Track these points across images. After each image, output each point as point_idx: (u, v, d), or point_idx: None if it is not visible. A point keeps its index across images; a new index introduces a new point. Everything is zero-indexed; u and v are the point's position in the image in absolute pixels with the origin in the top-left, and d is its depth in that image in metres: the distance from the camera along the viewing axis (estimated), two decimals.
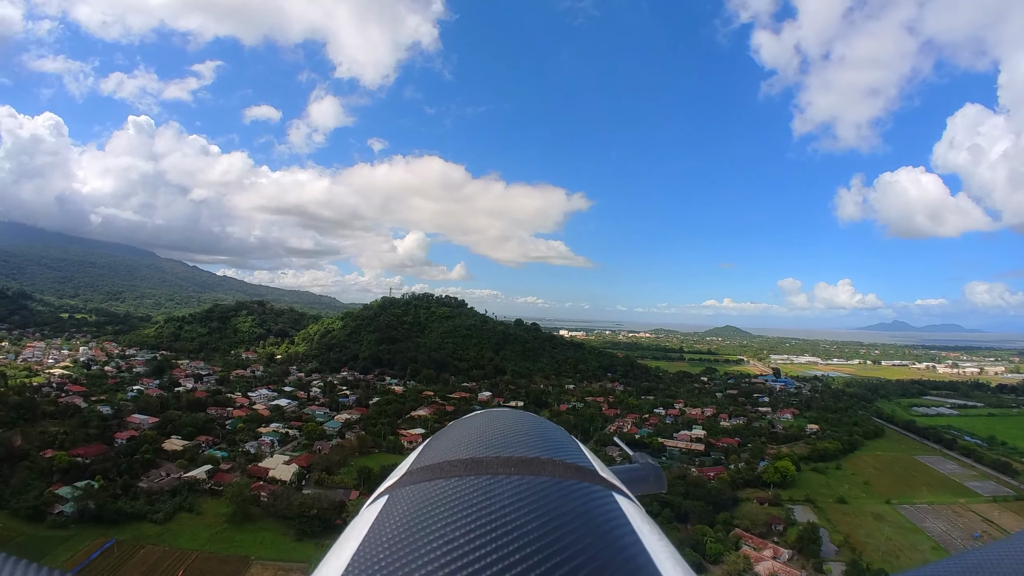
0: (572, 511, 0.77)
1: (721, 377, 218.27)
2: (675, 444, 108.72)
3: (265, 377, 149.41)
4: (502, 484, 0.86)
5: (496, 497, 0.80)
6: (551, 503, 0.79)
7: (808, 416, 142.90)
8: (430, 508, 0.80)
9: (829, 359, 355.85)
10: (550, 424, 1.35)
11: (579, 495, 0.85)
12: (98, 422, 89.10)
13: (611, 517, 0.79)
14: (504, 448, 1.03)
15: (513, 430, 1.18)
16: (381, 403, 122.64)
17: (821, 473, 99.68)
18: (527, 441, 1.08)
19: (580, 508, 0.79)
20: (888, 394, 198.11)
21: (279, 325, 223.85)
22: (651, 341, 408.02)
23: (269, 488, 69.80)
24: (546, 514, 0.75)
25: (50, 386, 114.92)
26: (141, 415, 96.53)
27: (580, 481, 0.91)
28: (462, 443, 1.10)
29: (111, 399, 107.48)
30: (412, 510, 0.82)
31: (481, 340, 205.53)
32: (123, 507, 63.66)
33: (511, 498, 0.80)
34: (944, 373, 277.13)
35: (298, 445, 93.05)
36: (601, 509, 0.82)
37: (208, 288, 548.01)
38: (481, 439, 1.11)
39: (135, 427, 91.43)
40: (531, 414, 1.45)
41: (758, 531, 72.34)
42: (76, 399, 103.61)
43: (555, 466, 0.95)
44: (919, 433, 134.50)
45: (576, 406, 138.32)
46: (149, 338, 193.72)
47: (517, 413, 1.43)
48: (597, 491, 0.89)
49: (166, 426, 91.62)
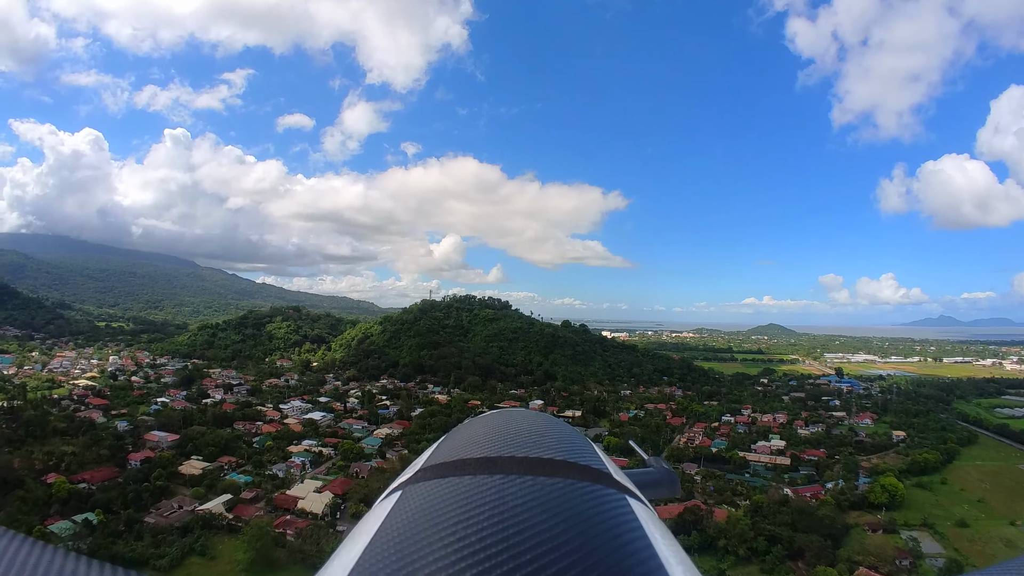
0: (585, 513, 0.76)
1: (781, 379, 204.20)
2: (756, 458, 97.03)
3: (299, 386, 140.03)
4: (515, 484, 0.85)
5: (509, 497, 0.79)
6: (564, 505, 0.79)
7: (888, 421, 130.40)
8: (443, 505, 0.79)
9: (887, 357, 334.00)
10: (566, 426, 1.33)
11: (592, 498, 0.84)
12: (112, 440, 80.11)
13: (623, 521, 0.78)
14: (519, 448, 1.03)
15: (528, 430, 1.17)
16: (424, 415, 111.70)
17: (926, 489, 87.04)
18: (542, 442, 1.07)
19: (593, 511, 0.78)
20: (964, 394, 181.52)
21: (315, 331, 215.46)
22: (697, 341, 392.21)
23: (297, 525, 58.46)
24: (558, 515, 0.74)
25: (71, 399, 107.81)
26: (161, 432, 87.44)
27: (594, 484, 0.90)
28: (477, 441, 1.09)
29: (132, 413, 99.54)
30: (425, 507, 0.81)
31: (528, 343, 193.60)
32: (121, 550, 52.80)
33: (524, 498, 0.79)
34: (1013, 370, 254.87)
35: (333, 467, 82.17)
36: (614, 512, 0.81)
37: (247, 295, 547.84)
38: (496, 438, 1.10)
39: (152, 446, 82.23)
40: (547, 415, 1.42)
41: (887, 570, 58.77)
42: (95, 413, 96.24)
43: (569, 468, 0.94)
44: (1015, 438, 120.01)
45: (638, 415, 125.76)
46: (182, 346, 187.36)
47: (533, 413, 1.41)
48: (611, 494, 0.88)
49: (186, 444, 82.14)
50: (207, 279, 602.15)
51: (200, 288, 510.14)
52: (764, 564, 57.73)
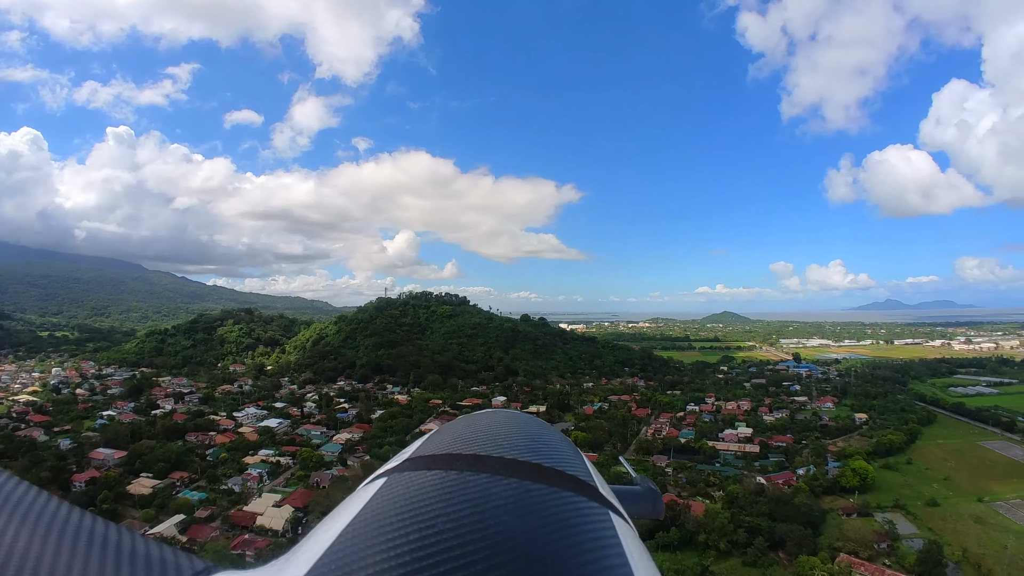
0: (565, 523, 0.75)
1: (741, 365, 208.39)
2: (725, 447, 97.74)
3: (254, 392, 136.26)
4: (501, 485, 0.84)
5: (493, 497, 0.79)
6: (546, 512, 0.78)
7: (849, 404, 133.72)
8: (425, 497, 0.79)
9: (840, 341, 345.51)
10: (559, 433, 1.32)
11: (575, 509, 0.82)
12: (54, 462, 75.42)
13: (603, 535, 0.77)
14: (509, 450, 1.03)
15: (521, 433, 1.17)
16: (385, 417, 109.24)
17: (894, 470, 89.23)
18: (533, 447, 1.07)
19: (573, 521, 0.77)
20: (918, 375, 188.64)
21: (269, 333, 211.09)
22: (653, 331, 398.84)
23: (256, 544, 55.81)
24: (539, 522, 0.73)
25: (10, 416, 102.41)
26: (107, 448, 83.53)
27: (578, 495, 0.89)
28: (468, 438, 1.09)
29: (76, 429, 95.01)
30: (407, 496, 0.80)
31: (488, 339, 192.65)
32: None
33: (507, 500, 0.79)
34: (961, 350, 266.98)
35: (292, 477, 79.20)
36: (594, 526, 0.79)
37: (198, 298, 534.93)
38: (488, 437, 1.10)
39: (98, 464, 78.30)
40: (541, 420, 1.44)
41: (867, 554, 59.41)
42: (36, 431, 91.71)
43: (557, 476, 0.93)
44: (971, 416, 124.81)
45: (603, 407, 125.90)
46: (129, 354, 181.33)
47: (528, 417, 1.40)
48: (593, 508, 0.86)
49: (135, 461, 77.93)
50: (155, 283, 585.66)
51: (148, 292, 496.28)
52: (746, 556, 57.43)
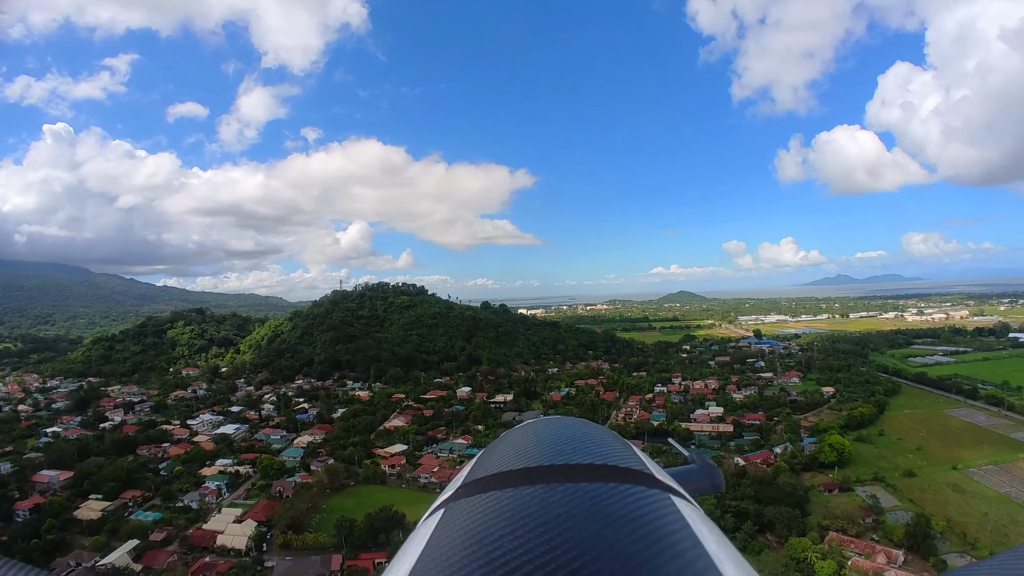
0: (629, 516, 0.77)
1: (703, 343, 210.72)
2: (699, 428, 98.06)
3: (209, 397, 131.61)
4: (557, 493, 0.85)
5: (552, 506, 0.80)
6: (608, 509, 0.79)
7: (815, 378, 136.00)
8: (486, 521, 0.79)
9: (797, 316, 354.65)
10: (602, 428, 1.35)
11: (636, 500, 0.84)
12: None
13: (669, 521, 0.79)
14: (558, 456, 1.03)
15: (565, 437, 1.17)
16: (347, 416, 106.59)
17: (867, 442, 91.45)
18: (580, 447, 1.07)
19: (637, 513, 0.78)
20: (877, 346, 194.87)
21: (222, 333, 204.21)
22: (612, 313, 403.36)
23: (218, 568, 52.49)
24: (603, 520, 0.74)
25: None
26: (52, 470, 78.61)
27: (636, 485, 0.91)
28: (515, 453, 1.09)
29: (19, 450, 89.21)
30: (468, 523, 0.81)
31: (449, 328, 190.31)
32: None
33: (567, 506, 0.80)
34: (914, 321, 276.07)
35: (252, 488, 75.80)
36: (659, 513, 0.81)
37: (147, 300, 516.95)
38: (534, 448, 1.10)
39: (43, 489, 73.72)
40: (582, 420, 1.45)
41: (855, 531, 60.17)
42: None
43: (611, 471, 0.95)
44: (934, 385, 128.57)
45: (570, 393, 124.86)
46: (75, 364, 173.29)
47: (568, 419, 1.44)
48: (654, 495, 0.88)
49: (83, 482, 73.57)
50: (102, 286, 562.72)
51: (95, 296, 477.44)
52: (735, 542, 56.82)
